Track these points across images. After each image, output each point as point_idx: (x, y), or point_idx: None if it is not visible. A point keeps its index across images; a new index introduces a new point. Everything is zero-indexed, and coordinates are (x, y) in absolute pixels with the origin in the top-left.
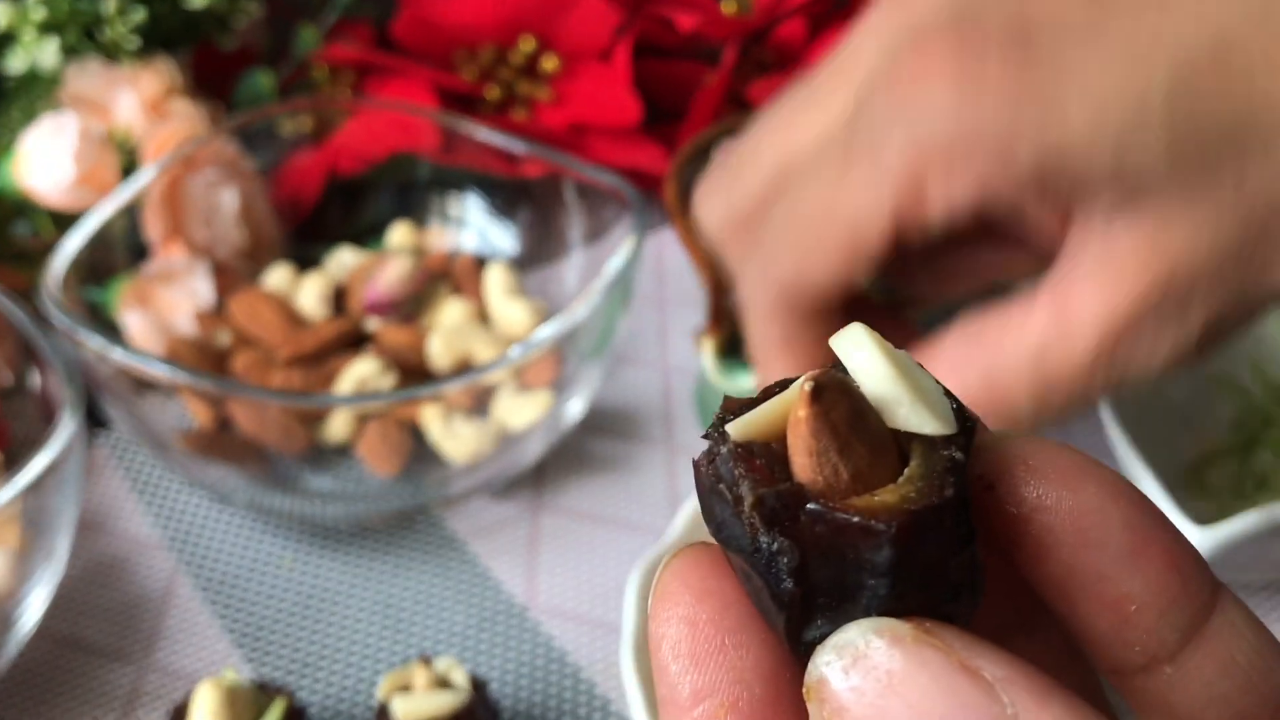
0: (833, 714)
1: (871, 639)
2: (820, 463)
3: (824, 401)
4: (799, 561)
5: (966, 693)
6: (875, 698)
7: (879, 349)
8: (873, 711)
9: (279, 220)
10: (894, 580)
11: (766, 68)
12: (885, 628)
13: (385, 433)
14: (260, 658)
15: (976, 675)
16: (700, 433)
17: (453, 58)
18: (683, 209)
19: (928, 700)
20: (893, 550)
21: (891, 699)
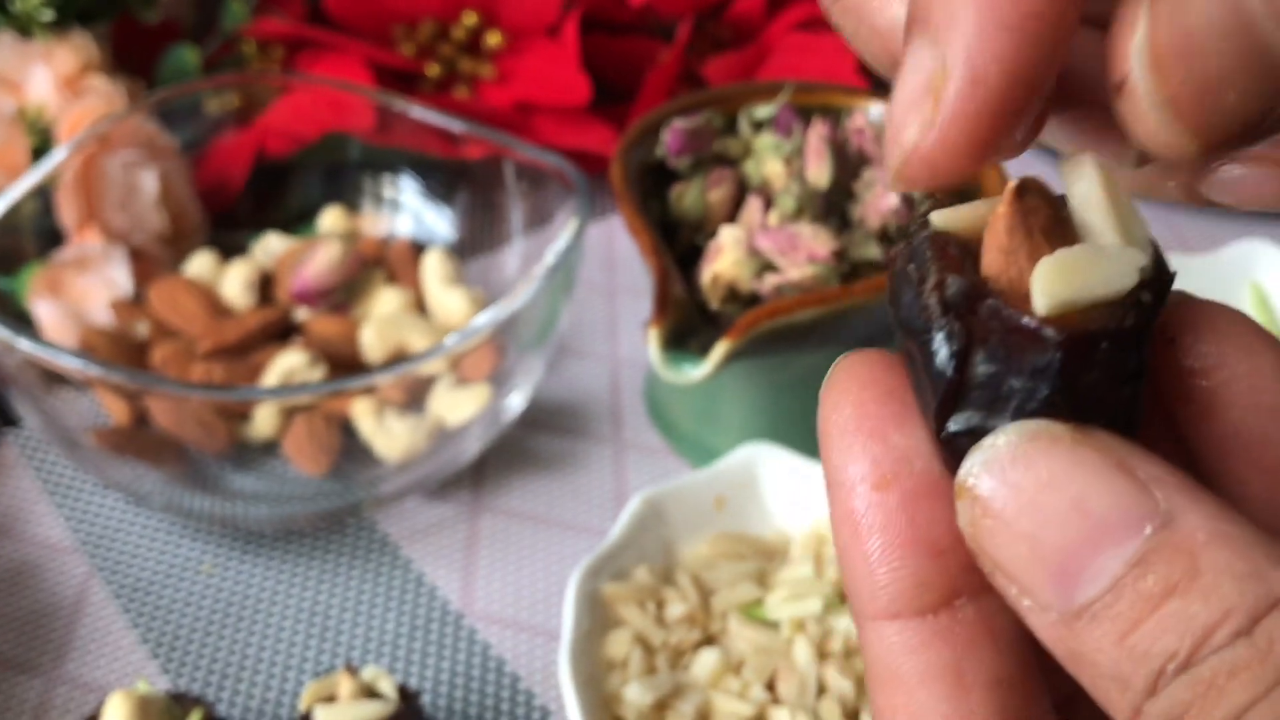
0: (984, 512)
1: (1030, 438)
2: (1009, 261)
3: (1025, 202)
4: (963, 348)
5: (1124, 490)
6: (1035, 494)
7: (1103, 184)
8: (1031, 509)
9: (203, 204)
10: (1052, 391)
11: (723, 45)
12: (1043, 429)
13: (313, 429)
14: (177, 668)
15: (1132, 474)
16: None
17: (390, 33)
18: (629, 192)
19: (1086, 496)
20: (1059, 360)
21: (1050, 495)
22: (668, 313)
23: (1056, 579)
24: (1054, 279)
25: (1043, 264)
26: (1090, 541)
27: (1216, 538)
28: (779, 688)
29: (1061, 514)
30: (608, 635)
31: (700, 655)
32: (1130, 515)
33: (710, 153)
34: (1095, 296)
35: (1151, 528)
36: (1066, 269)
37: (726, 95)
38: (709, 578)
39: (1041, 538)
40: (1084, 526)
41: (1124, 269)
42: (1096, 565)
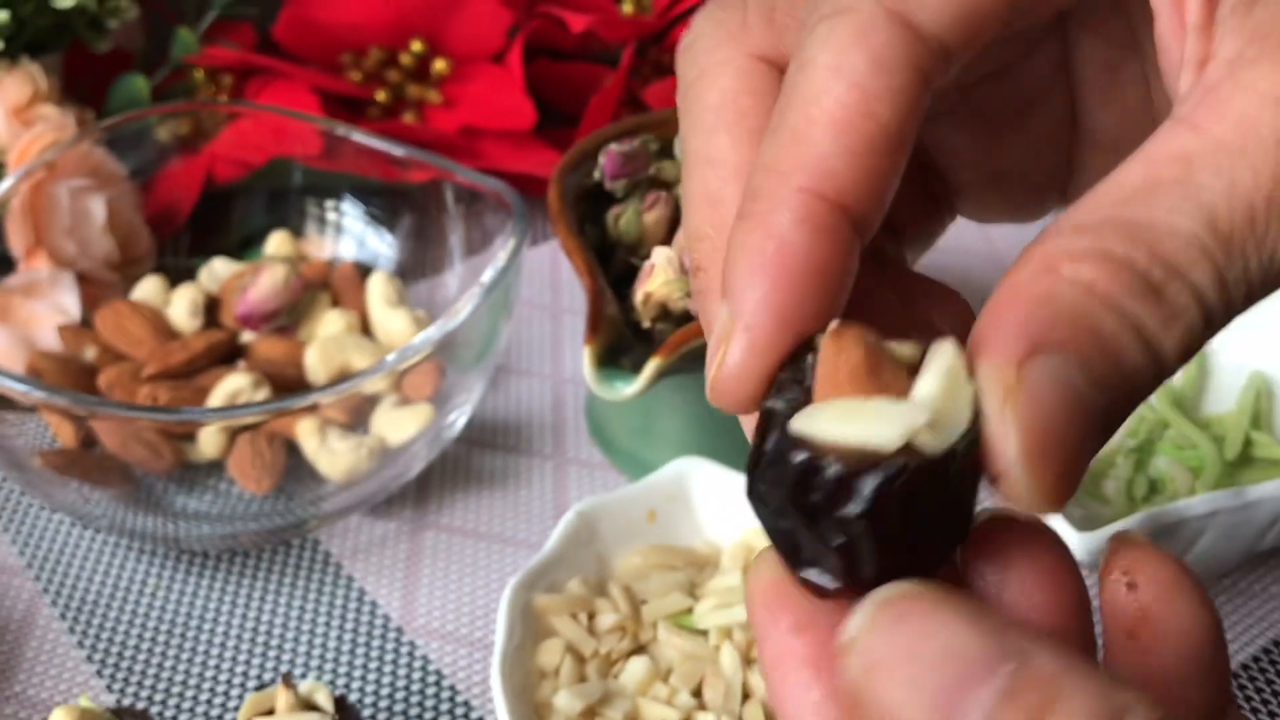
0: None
1: (896, 599)
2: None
3: (839, 344)
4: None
5: (983, 636)
6: (910, 646)
7: (951, 364)
8: (908, 659)
9: (151, 230)
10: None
11: (665, 70)
12: (906, 591)
13: (257, 449)
14: (122, 685)
15: (985, 623)
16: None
17: (339, 61)
18: (565, 214)
19: (953, 644)
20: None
21: (924, 645)
22: (600, 331)
23: (939, 717)
24: (807, 422)
25: (813, 406)
26: (963, 681)
27: (1066, 669)
28: (705, 693)
29: (936, 660)
30: (540, 645)
31: (630, 663)
32: (991, 656)
33: (646, 176)
34: (850, 441)
35: (1013, 664)
36: (815, 410)
37: (662, 119)
38: (640, 588)
39: (920, 681)
40: (956, 669)
41: (889, 430)
42: (971, 700)
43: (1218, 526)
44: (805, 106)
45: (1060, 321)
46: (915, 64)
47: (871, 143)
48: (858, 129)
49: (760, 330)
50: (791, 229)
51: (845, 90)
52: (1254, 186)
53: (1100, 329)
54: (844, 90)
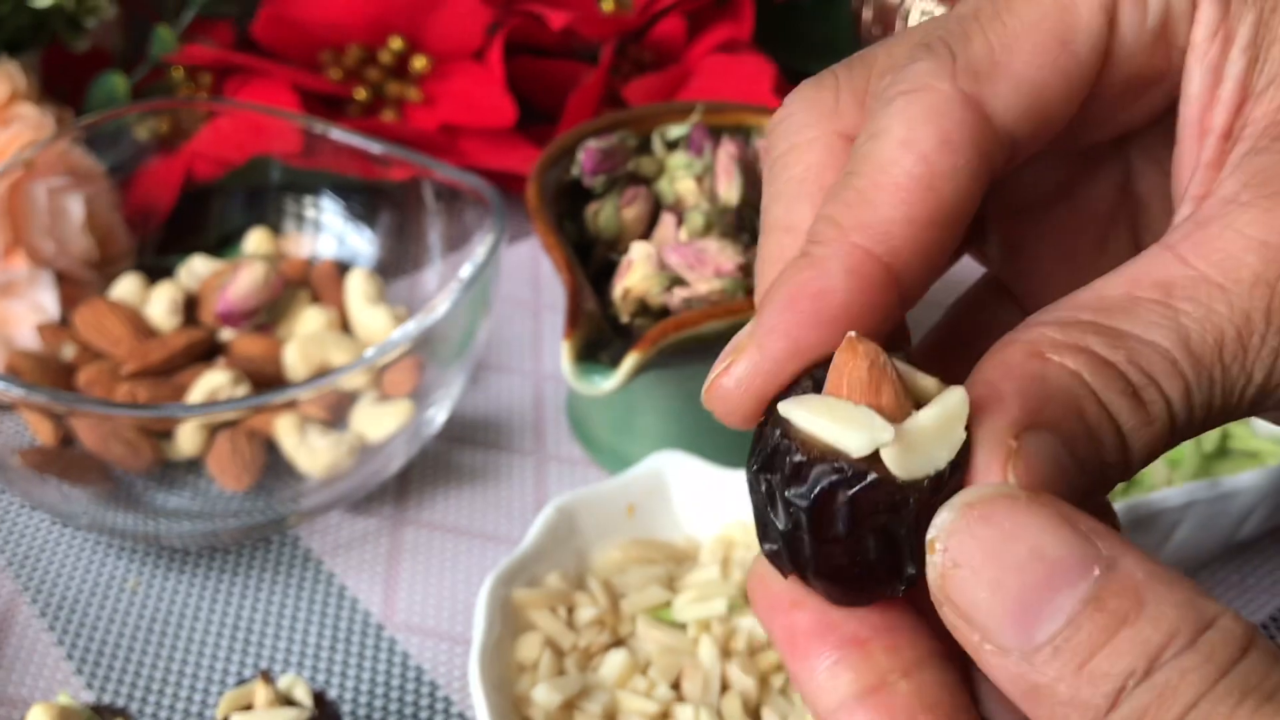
0: (954, 562)
1: (991, 498)
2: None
3: (848, 354)
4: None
5: (1072, 540)
6: (997, 545)
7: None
8: (994, 558)
9: (131, 228)
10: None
11: (644, 67)
12: (1000, 490)
13: (236, 446)
14: (101, 682)
15: (1077, 527)
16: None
17: (318, 59)
18: (544, 210)
19: (1042, 545)
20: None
21: (1010, 545)
22: (579, 326)
23: (1018, 619)
24: (791, 406)
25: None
26: (1048, 584)
27: (1152, 577)
28: (684, 686)
29: (1021, 562)
30: (519, 640)
31: (609, 657)
32: (1080, 560)
33: (624, 172)
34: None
35: (1099, 570)
36: (804, 406)
37: (640, 116)
38: (619, 582)
39: (1004, 583)
40: (1041, 571)
41: (857, 436)
42: (1055, 604)
43: (1195, 517)
44: (874, 173)
45: (1053, 402)
46: (981, 148)
47: (931, 216)
48: (921, 201)
49: (771, 356)
50: (839, 275)
51: (913, 163)
52: (1227, 319)
53: (1086, 416)
54: (912, 163)
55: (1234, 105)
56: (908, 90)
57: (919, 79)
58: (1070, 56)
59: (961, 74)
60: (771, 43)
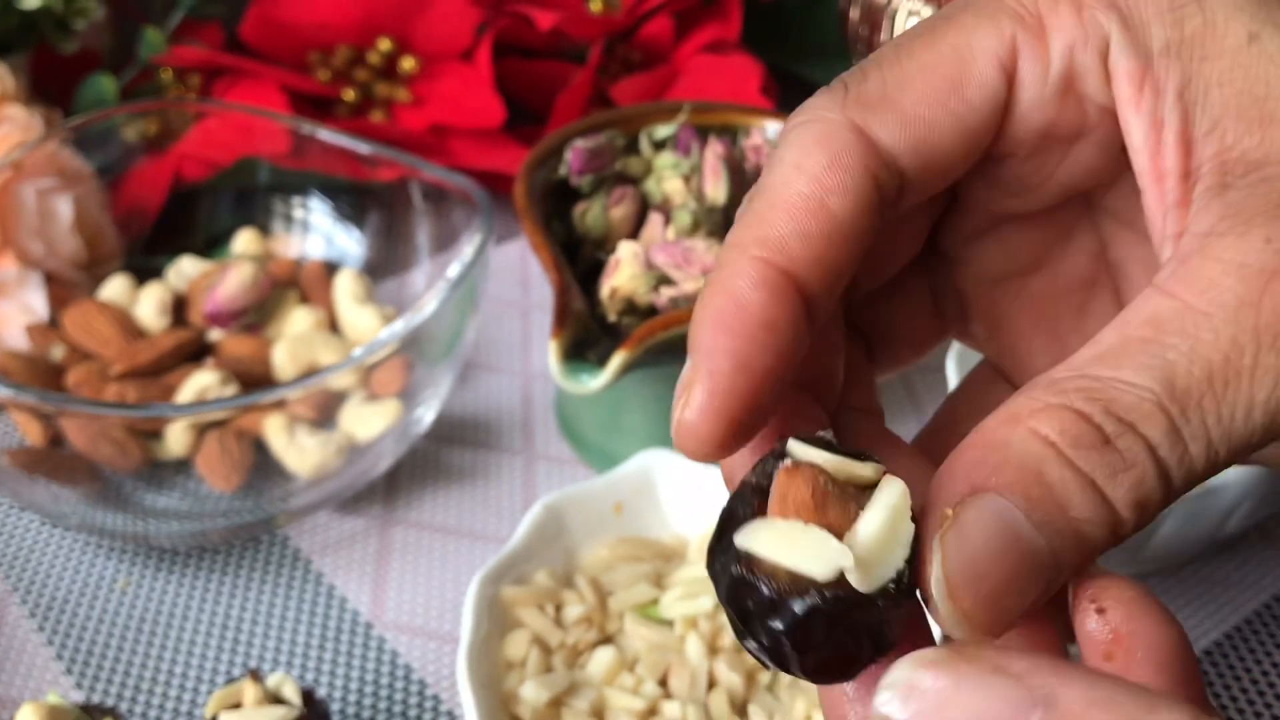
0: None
1: (918, 670)
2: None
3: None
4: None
5: (1006, 689)
6: (938, 712)
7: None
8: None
9: (120, 230)
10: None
11: (633, 67)
12: (927, 658)
13: (225, 446)
14: (91, 682)
15: (1008, 673)
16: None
17: (306, 60)
18: (531, 210)
19: (977, 703)
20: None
21: (951, 710)
22: (567, 325)
23: None
24: (747, 539)
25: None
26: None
27: (1094, 704)
28: (671, 682)
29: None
30: (506, 637)
31: (596, 654)
32: (1016, 709)
33: (612, 171)
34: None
35: (1038, 713)
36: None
37: (628, 116)
38: (607, 580)
39: None
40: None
41: (819, 564)
42: None
43: (1179, 514)
44: (769, 195)
45: (1007, 466)
46: (869, 170)
47: (824, 230)
48: (813, 216)
49: (720, 376)
50: (748, 289)
51: (804, 183)
52: (1214, 346)
53: (1045, 475)
54: (803, 183)
55: (1181, 150)
56: (802, 121)
57: (812, 111)
58: (962, 101)
59: (851, 105)
60: (759, 43)
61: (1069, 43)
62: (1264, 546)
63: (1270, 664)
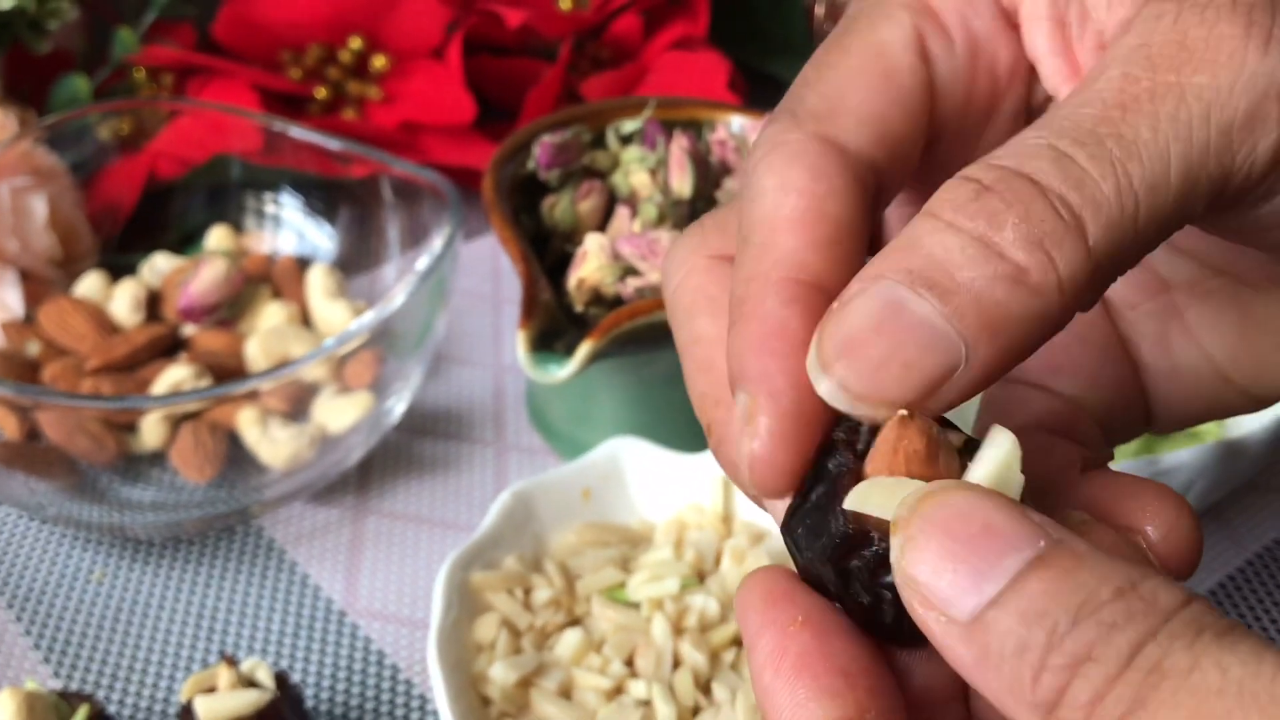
0: (910, 538)
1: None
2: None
3: (902, 429)
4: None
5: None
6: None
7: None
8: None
9: (94, 227)
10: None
11: (602, 64)
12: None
13: (199, 438)
14: (68, 671)
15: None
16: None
17: (278, 59)
18: (500, 204)
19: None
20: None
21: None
22: (534, 316)
23: (971, 583)
24: (859, 499)
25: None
26: (998, 550)
27: (1095, 550)
28: (637, 662)
29: (973, 534)
30: (476, 621)
31: (564, 636)
32: (1029, 534)
33: (579, 165)
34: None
35: (1044, 541)
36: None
37: (595, 111)
38: (575, 564)
39: (958, 553)
40: (992, 541)
41: None
42: (1002, 566)
43: None
44: (765, 222)
45: (893, 251)
46: (848, 170)
47: (831, 235)
48: (817, 225)
49: (783, 398)
50: (782, 308)
51: (796, 199)
52: (1104, 88)
53: (923, 243)
54: (795, 200)
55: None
56: (765, 152)
57: (771, 141)
58: (897, 88)
59: (805, 122)
60: (727, 40)
61: (959, 12)
62: (1217, 528)
63: None
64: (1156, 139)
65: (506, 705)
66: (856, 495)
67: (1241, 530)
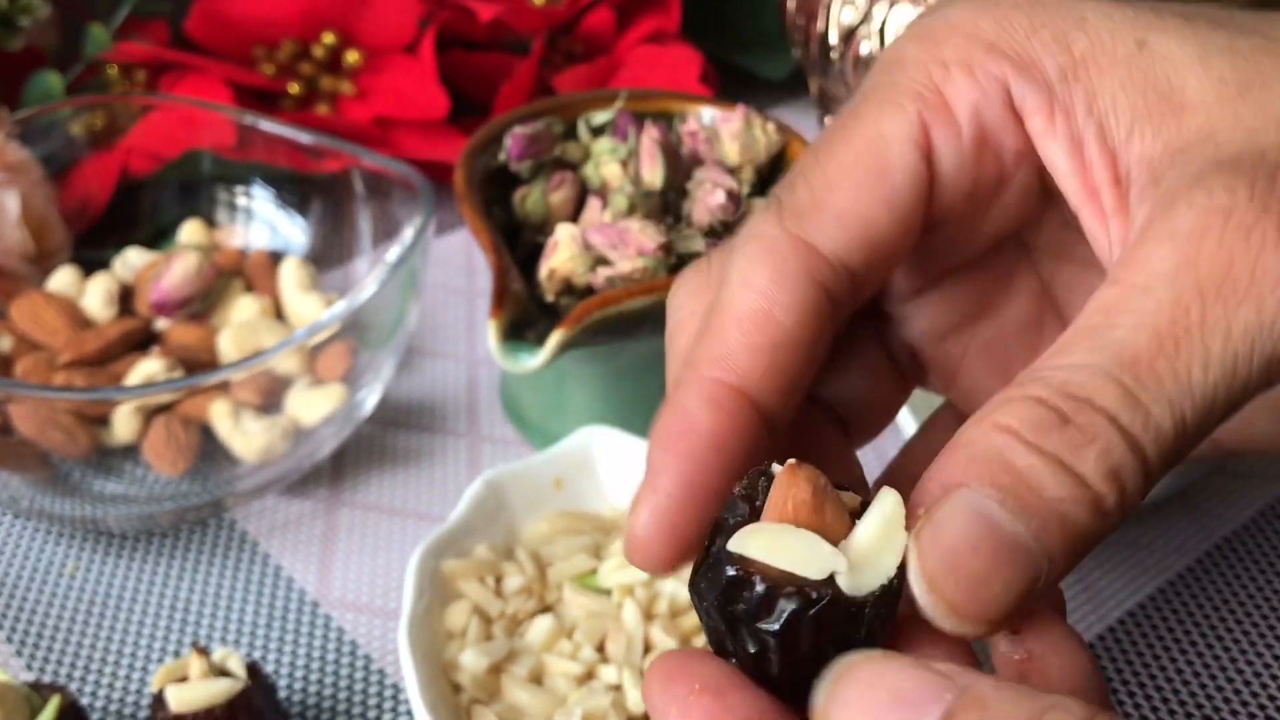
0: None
1: (855, 662)
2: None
3: (791, 479)
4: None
5: (927, 677)
6: (865, 699)
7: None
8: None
9: (67, 223)
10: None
11: (575, 58)
12: (862, 655)
13: (171, 432)
14: (41, 663)
15: (931, 668)
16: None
17: (251, 54)
18: (471, 195)
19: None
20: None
21: (875, 692)
22: (505, 306)
23: None
24: (742, 541)
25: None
26: (910, 712)
27: (1000, 689)
28: (608, 648)
29: (886, 704)
30: (447, 608)
31: (535, 622)
32: (935, 691)
33: (551, 157)
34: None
35: (951, 695)
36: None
37: (566, 103)
38: (546, 552)
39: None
40: (902, 708)
41: (813, 565)
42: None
43: None
44: (720, 314)
45: (975, 462)
46: (813, 277)
47: (774, 340)
48: (761, 329)
49: (666, 496)
50: (697, 408)
51: (752, 299)
52: (1158, 313)
53: (1012, 462)
54: (751, 299)
55: (1106, 159)
56: (745, 241)
57: (754, 230)
58: (889, 187)
59: (788, 218)
60: (699, 34)
61: (972, 103)
62: (1186, 512)
63: (1192, 624)
64: (1207, 379)
65: (477, 692)
66: (739, 538)
67: (1210, 514)
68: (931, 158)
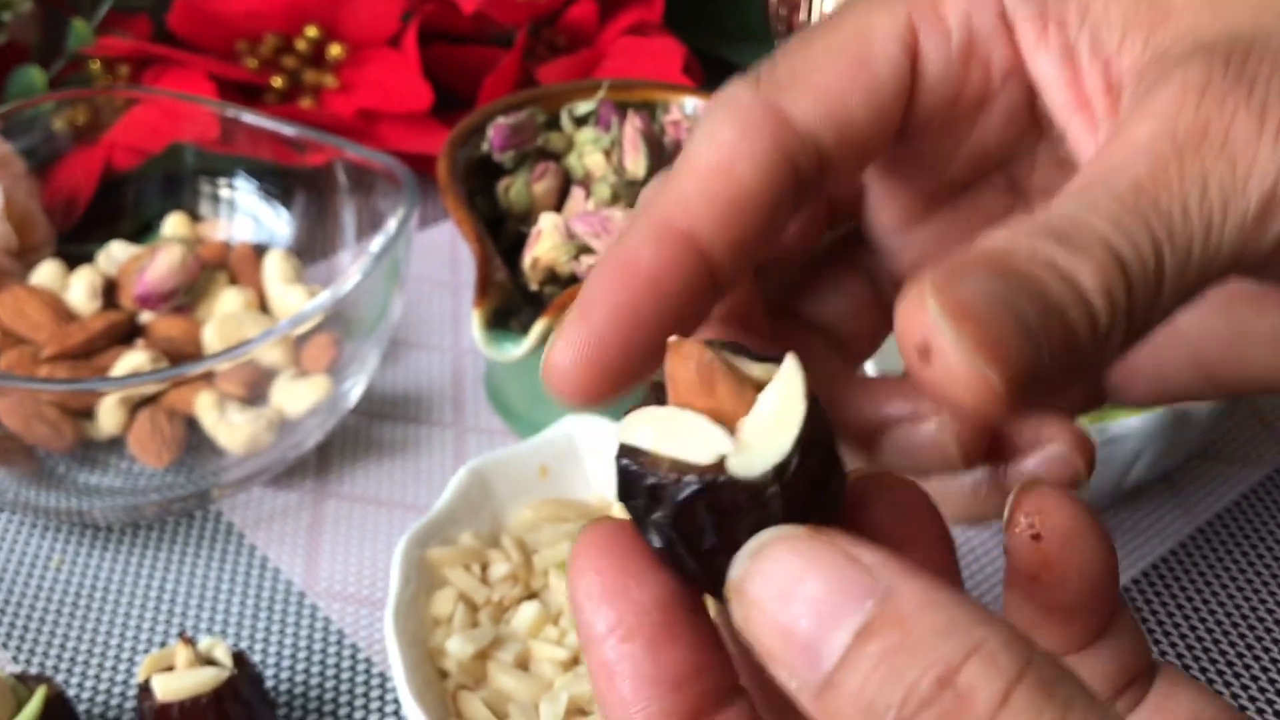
0: (750, 606)
1: (775, 540)
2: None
3: (677, 357)
4: None
5: (849, 574)
6: (785, 586)
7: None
8: (782, 600)
9: (51, 218)
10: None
11: (558, 50)
12: (785, 532)
13: (156, 424)
14: (27, 656)
15: (857, 561)
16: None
17: (234, 48)
18: (454, 185)
19: (822, 584)
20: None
21: (796, 585)
22: (489, 295)
23: (806, 656)
24: (628, 429)
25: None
26: (826, 620)
27: (925, 604)
28: None
29: (805, 600)
30: (433, 596)
31: (521, 609)
32: (855, 593)
33: (534, 147)
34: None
35: (872, 601)
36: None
37: (549, 94)
38: (532, 539)
39: (791, 624)
40: (821, 609)
41: (697, 448)
42: (833, 640)
43: None
44: (679, 165)
45: (980, 262)
46: (779, 141)
47: (729, 193)
48: (718, 181)
49: (593, 321)
50: (642, 244)
51: (712, 151)
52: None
53: (1017, 265)
54: (711, 151)
55: (1100, 68)
56: (713, 105)
57: (727, 95)
58: (869, 75)
59: (764, 87)
60: (682, 26)
61: (964, 10)
62: (1168, 497)
63: (1175, 606)
64: (1185, 227)
65: (464, 678)
66: (625, 427)
67: (1192, 499)
68: (917, 57)
